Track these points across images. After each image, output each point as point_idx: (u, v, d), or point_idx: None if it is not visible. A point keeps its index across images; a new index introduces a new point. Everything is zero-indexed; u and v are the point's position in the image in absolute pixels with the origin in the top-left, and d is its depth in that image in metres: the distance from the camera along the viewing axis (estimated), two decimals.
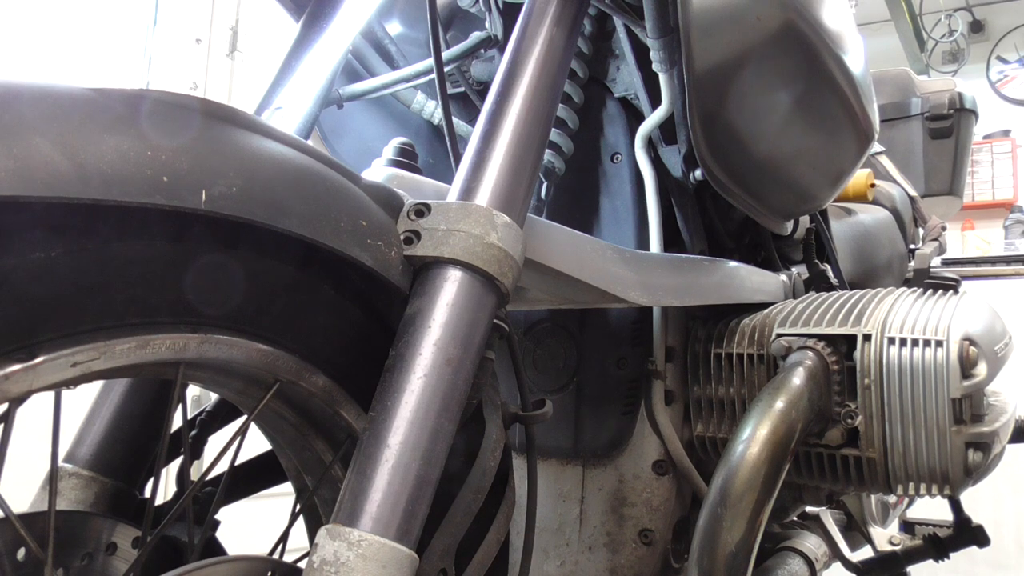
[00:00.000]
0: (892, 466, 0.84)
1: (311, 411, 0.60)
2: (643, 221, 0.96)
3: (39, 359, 0.42)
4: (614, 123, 1.01)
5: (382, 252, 0.54)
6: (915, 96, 2.08)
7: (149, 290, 0.46)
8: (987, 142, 4.67)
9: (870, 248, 1.58)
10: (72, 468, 0.66)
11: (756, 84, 0.85)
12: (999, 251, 4.04)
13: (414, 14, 1.11)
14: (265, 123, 0.52)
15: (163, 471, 0.62)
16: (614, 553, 0.95)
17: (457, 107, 1.08)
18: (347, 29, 0.91)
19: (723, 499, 0.76)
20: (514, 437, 1.00)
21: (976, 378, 0.82)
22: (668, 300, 0.82)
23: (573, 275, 0.70)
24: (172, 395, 0.51)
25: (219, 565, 0.51)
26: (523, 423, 0.65)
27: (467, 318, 0.55)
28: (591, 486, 0.98)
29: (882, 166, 1.89)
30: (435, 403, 0.51)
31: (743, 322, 0.97)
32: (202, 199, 0.44)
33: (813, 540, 1.14)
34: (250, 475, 0.75)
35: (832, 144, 1.01)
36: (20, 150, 0.37)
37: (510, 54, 0.68)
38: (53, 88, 0.41)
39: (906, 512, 1.66)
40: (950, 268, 2.77)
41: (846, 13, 0.96)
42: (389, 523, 0.47)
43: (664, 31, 0.82)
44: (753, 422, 0.80)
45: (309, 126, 0.88)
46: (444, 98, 0.78)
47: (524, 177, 0.63)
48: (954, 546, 1.25)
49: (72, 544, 0.58)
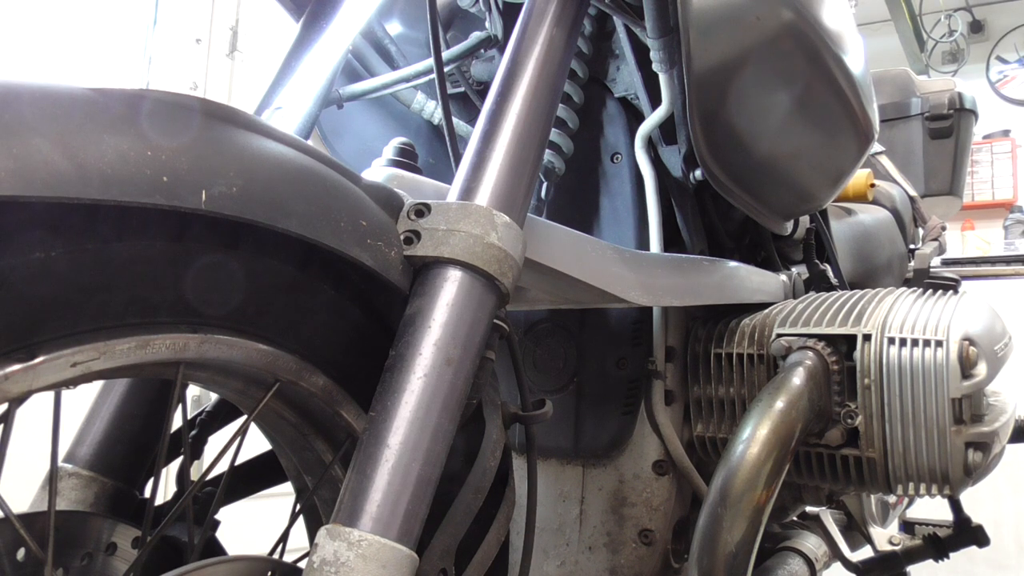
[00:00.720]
0: (892, 466, 0.84)
1: (311, 411, 0.60)
2: (643, 221, 0.96)
3: (39, 359, 0.42)
4: (614, 123, 1.01)
5: (382, 252, 0.54)
6: (915, 96, 2.08)
7: (149, 290, 0.46)
8: (987, 142, 4.67)
9: (870, 248, 1.57)
10: (72, 468, 0.66)
11: (756, 84, 0.85)
12: (999, 251, 4.04)
13: (414, 14, 1.11)
14: (265, 123, 0.52)
15: (163, 471, 0.62)
16: (614, 553, 0.95)
17: (457, 107, 1.08)
18: (347, 29, 0.91)
19: (723, 499, 0.76)
20: (514, 437, 1.00)
21: (976, 378, 0.82)
22: (668, 300, 0.82)
23: (573, 275, 0.70)
24: (172, 395, 0.51)
25: (219, 565, 0.51)
26: (523, 423, 0.65)
27: (467, 318, 0.55)
28: (591, 486, 0.98)
29: (882, 166, 1.89)
30: (435, 403, 0.51)
31: (743, 322, 0.97)
32: (202, 199, 0.44)
33: (813, 540, 1.14)
34: (250, 475, 0.75)
35: (832, 144, 1.01)
36: (20, 150, 0.37)
37: (510, 54, 0.68)
38: (53, 88, 0.41)
39: (906, 512, 1.66)
40: (950, 268, 2.77)
41: (846, 13, 0.96)
42: (389, 523, 0.47)
43: (664, 31, 0.82)
44: (753, 422, 0.80)
45: (309, 126, 0.88)
46: (444, 98, 0.78)
47: (524, 177, 0.63)
48: (954, 546, 1.26)
49: (72, 544, 0.58)
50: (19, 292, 0.40)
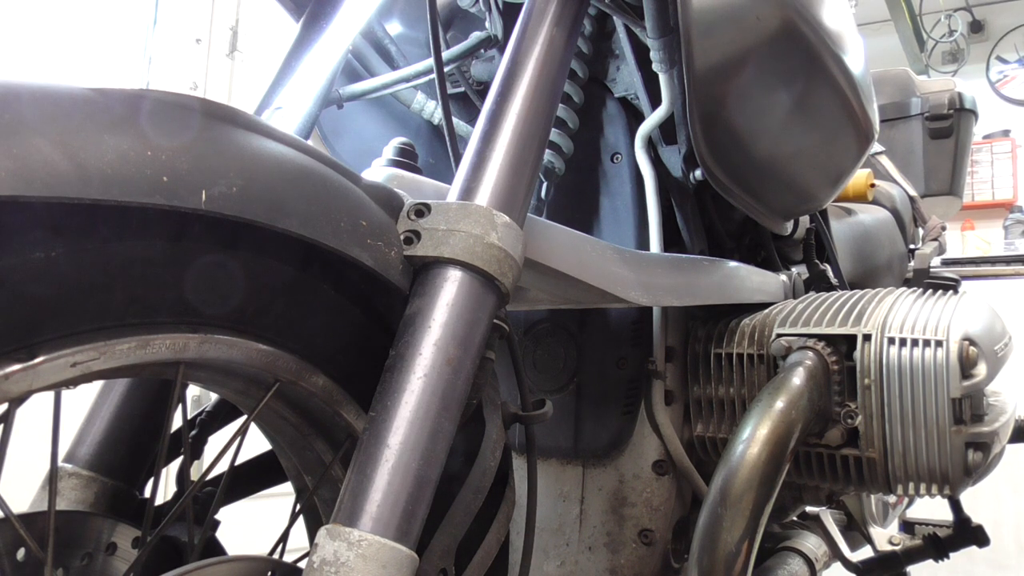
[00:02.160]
0: (892, 466, 0.84)
1: (311, 411, 0.60)
2: (643, 221, 0.96)
3: (39, 359, 0.42)
4: (614, 123, 1.01)
5: (382, 252, 0.54)
6: (915, 96, 2.08)
7: (149, 290, 0.46)
8: (987, 142, 4.67)
9: (870, 248, 1.58)
10: (72, 468, 0.66)
11: (756, 84, 0.85)
12: (999, 251, 4.04)
13: (414, 14, 1.11)
14: (265, 123, 0.52)
15: (163, 471, 0.62)
16: (614, 553, 0.95)
17: (457, 107, 1.08)
18: (347, 29, 0.91)
19: (723, 499, 0.76)
20: (514, 437, 1.00)
21: (976, 378, 0.82)
22: (668, 300, 0.82)
23: (573, 275, 0.70)
24: (172, 395, 0.51)
25: (219, 565, 0.51)
26: (523, 423, 0.65)
27: (467, 318, 0.55)
28: (591, 486, 0.98)
29: (882, 166, 1.89)
30: (435, 403, 0.51)
31: (743, 322, 0.97)
32: (202, 199, 0.44)
33: (813, 540, 1.14)
34: (250, 475, 0.75)
35: (832, 144, 1.01)
36: (20, 150, 0.37)
37: (510, 54, 0.68)
38: (53, 88, 0.41)
39: (906, 512, 1.66)
40: (950, 268, 2.77)
41: (846, 13, 0.96)
42: (389, 523, 0.47)
43: (664, 31, 0.82)
44: (753, 422, 0.80)
45: (309, 126, 0.88)
46: (444, 98, 0.78)
47: (524, 177, 0.63)
48: (954, 546, 1.26)
49: (72, 544, 0.58)
50: (19, 292, 0.40)
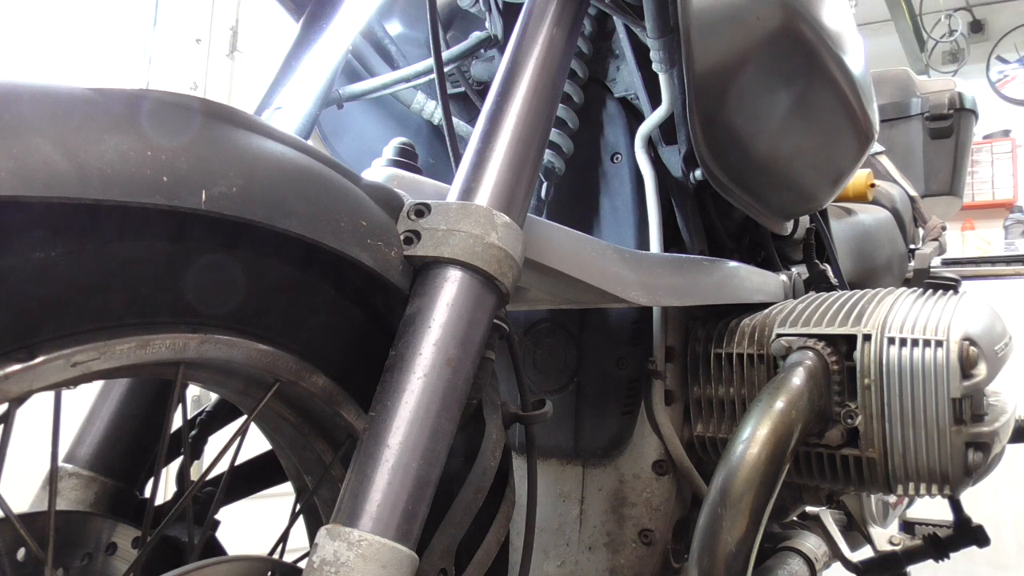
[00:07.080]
0: (892, 466, 0.84)
1: (311, 411, 0.60)
2: (643, 221, 0.96)
3: (39, 359, 0.42)
4: (614, 123, 1.01)
5: (382, 252, 0.54)
6: (915, 96, 2.08)
7: (149, 290, 0.46)
8: (987, 142, 4.67)
9: (870, 248, 1.58)
10: (72, 468, 0.66)
11: (756, 84, 0.85)
12: (999, 251, 4.04)
13: (414, 14, 1.11)
14: (265, 123, 0.52)
15: (163, 471, 0.62)
16: (614, 553, 0.95)
17: (457, 107, 1.08)
18: (347, 29, 0.91)
19: (723, 499, 0.76)
20: (514, 437, 1.00)
21: (976, 378, 0.82)
22: (668, 300, 0.82)
23: (573, 275, 0.70)
24: (172, 395, 0.51)
25: (219, 565, 0.51)
26: (523, 423, 0.65)
27: (467, 318, 0.55)
28: (591, 486, 0.98)
29: (882, 166, 1.89)
30: (435, 403, 0.51)
31: (743, 322, 0.97)
32: (202, 199, 0.44)
33: (813, 540, 1.14)
34: (250, 475, 0.75)
35: (832, 144, 1.01)
36: (20, 150, 0.37)
37: (510, 54, 0.68)
38: (53, 88, 0.41)
39: (906, 512, 1.67)
40: (950, 268, 2.77)
41: (846, 13, 0.96)
42: (389, 523, 0.47)
43: (664, 31, 0.82)
44: (753, 422, 0.80)
45: (309, 126, 0.88)
46: (444, 98, 0.78)
47: (524, 177, 0.63)
48: (954, 546, 1.25)
49: (72, 544, 0.58)
50: (19, 292, 0.40)
